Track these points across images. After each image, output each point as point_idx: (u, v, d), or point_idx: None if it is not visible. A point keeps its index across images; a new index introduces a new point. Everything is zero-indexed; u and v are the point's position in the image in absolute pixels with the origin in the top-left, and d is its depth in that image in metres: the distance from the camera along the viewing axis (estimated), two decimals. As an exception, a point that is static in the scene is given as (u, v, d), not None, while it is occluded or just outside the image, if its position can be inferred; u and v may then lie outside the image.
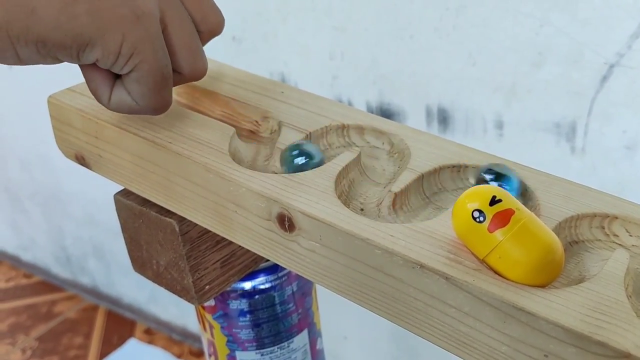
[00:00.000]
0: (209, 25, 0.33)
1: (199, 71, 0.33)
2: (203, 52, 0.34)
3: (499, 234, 0.25)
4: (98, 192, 1.09)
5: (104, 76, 0.32)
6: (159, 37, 0.31)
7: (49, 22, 0.28)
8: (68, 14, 0.28)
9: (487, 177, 0.31)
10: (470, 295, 0.25)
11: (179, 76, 0.33)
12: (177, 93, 0.40)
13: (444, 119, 0.64)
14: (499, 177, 0.31)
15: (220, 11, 0.34)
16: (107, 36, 0.29)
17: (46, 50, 0.28)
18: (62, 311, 1.26)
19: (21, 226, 1.32)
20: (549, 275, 0.26)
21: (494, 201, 0.25)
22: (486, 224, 0.25)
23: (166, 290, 0.39)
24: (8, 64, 0.29)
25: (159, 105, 0.32)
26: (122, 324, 1.21)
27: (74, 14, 0.28)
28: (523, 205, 0.26)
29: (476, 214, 0.25)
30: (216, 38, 0.35)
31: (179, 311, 1.14)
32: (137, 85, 0.31)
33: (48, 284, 1.33)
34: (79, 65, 0.32)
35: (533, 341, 0.24)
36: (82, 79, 0.40)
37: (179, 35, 0.32)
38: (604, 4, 0.52)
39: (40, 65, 0.29)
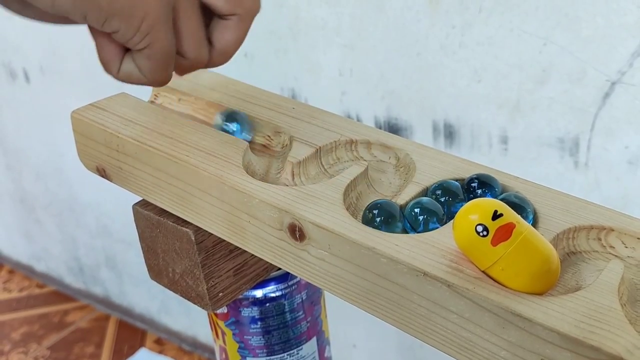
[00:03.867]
0: (246, 5, 0.35)
1: (200, 58, 0.35)
2: (206, 42, 0.35)
3: (501, 247, 0.26)
4: (111, 203, 1.11)
5: (116, 48, 0.33)
6: (171, 20, 0.33)
7: None
8: None
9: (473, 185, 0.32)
10: (471, 302, 0.26)
11: (181, 60, 0.35)
12: (194, 109, 0.42)
13: (450, 134, 0.65)
14: (482, 185, 0.32)
15: None
16: (134, 10, 0.31)
17: (81, 2, 0.29)
18: (74, 321, 1.27)
19: (35, 236, 1.34)
20: (546, 283, 0.27)
21: (495, 215, 0.26)
22: (489, 238, 0.26)
23: (177, 301, 0.40)
24: (41, 5, 0.30)
25: (163, 79, 0.35)
26: (133, 333, 1.22)
27: None
28: (521, 217, 0.27)
29: (479, 229, 0.26)
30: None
31: (189, 321, 1.14)
32: (147, 61, 0.33)
33: (61, 294, 1.34)
34: (95, 33, 0.33)
35: (530, 346, 0.25)
36: (95, 97, 0.42)
37: (185, 22, 0.33)
38: (606, 23, 0.52)
39: (55, 79, 0.30)
